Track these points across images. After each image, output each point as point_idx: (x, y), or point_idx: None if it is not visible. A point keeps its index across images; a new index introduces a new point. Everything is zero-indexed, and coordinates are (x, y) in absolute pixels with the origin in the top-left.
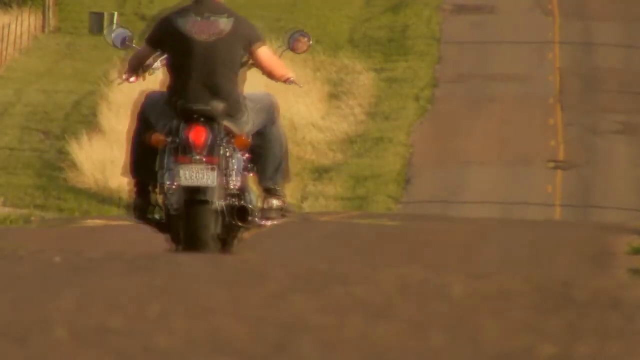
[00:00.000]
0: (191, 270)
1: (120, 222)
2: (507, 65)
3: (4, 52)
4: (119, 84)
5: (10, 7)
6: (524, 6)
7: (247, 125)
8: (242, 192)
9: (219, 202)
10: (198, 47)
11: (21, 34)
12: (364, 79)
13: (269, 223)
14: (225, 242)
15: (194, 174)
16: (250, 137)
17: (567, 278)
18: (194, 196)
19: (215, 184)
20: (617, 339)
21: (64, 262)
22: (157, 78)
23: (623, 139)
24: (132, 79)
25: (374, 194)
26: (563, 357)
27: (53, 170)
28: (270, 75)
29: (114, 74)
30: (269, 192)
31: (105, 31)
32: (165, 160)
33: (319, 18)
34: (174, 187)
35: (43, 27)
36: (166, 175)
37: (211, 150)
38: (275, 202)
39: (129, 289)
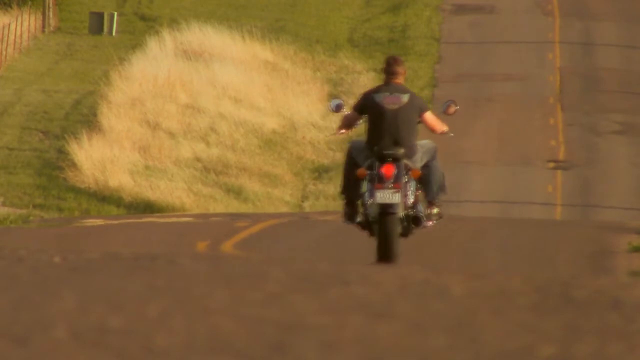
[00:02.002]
0: (191, 270)
1: (120, 222)
2: (507, 65)
3: (4, 52)
4: (334, 135)
5: (10, 7)
6: (524, 6)
7: (418, 162)
8: (415, 205)
9: (401, 213)
10: (388, 113)
11: (21, 34)
12: (364, 79)
13: (430, 224)
14: (404, 235)
15: (386, 195)
16: (420, 169)
17: (567, 278)
18: (386, 210)
19: (399, 201)
20: (617, 339)
21: (64, 262)
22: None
23: (623, 139)
24: (343, 131)
25: None
26: (563, 357)
27: (53, 170)
28: (432, 130)
29: (332, 130)
30: (431, 203)
31: (329, 102)
32: (367, 186)
33: (319, 18)
34: (372, 203)
35: (43, 27)
36: (367, 195)
37: (397, 180)
38: (435, 210)
39: (129, 289)
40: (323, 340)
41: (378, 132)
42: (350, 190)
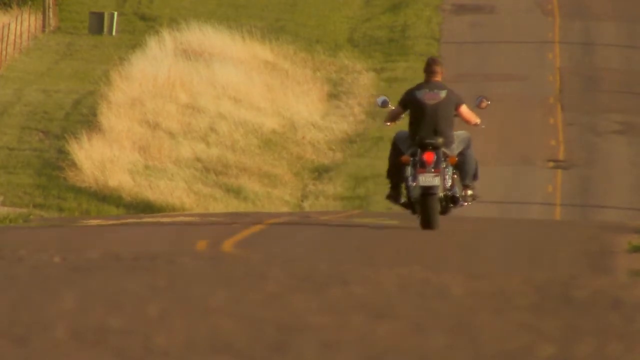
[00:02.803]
0: (191, 270)
1: (120, 222)
2: (507, 65)
3: (4, 52)
4: (384, 125)
5: (10, 7)
6: (523, 6)
7: (455, 150)
8: (452, 187)
9: (440, 194)
10: (428, 108)
11: (21, 34)
12: (364, 79)
13: (465, 204)
14: (443, 213)
15: (427, 179)
16: (456, 156)
17: (567, 278)
18: (427, 191)
19: (438, 184)
20: (617, 339)
21: (64, 262)
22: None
23: (623, 139)
24: (389, 123)
25: (373, 194)
26: (563, 357)
27: (53, 170)
28: (466, 122)
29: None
30: (466, 186)
31: (376, 99)
32: (410, 171)
33: (319, 18)
34: (415, 186)
35: (43, 27)
36: (410, 179)
37: (436, 165)
38: (469, 192)
39: (129, 289)
40: (323, 340)
41: (420, 124)
42: (395, 175)
